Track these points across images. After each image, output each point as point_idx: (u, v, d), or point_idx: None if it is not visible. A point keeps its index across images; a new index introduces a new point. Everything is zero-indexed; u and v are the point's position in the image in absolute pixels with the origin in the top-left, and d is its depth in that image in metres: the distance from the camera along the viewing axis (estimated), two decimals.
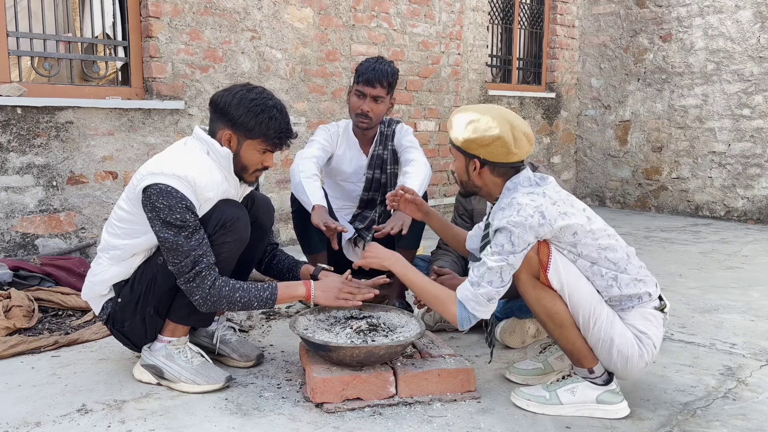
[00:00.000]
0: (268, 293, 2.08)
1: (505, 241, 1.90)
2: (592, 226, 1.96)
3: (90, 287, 2.22)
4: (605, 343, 1.95)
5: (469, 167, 2.04)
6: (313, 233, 2.77)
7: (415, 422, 1.93)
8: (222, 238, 2.08)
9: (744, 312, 3.18)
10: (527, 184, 2.00)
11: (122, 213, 2.12)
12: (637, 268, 1.99)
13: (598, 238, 1.95)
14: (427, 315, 2.77)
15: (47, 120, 3.59)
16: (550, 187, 1.99)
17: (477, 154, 1.99)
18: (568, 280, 1.93)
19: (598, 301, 1.95)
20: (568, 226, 1.91)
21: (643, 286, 1.98)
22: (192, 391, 2.12)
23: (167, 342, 2.17)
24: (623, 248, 2.00)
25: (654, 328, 1.98)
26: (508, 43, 6.51)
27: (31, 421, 1.92)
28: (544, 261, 1.93)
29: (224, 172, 2.12)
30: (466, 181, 2.09)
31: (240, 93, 2.08)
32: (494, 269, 1.91)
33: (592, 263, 1.95)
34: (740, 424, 1.96)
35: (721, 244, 4.91)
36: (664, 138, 6.50)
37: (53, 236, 3.65)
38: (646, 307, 1.98)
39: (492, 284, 1.93)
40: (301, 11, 4.62)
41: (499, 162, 1.99)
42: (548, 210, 1.90)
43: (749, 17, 5.87)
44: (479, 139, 1.96)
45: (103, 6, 3.93)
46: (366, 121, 2.91)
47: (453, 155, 2.10)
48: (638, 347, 1.95)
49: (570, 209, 1.94)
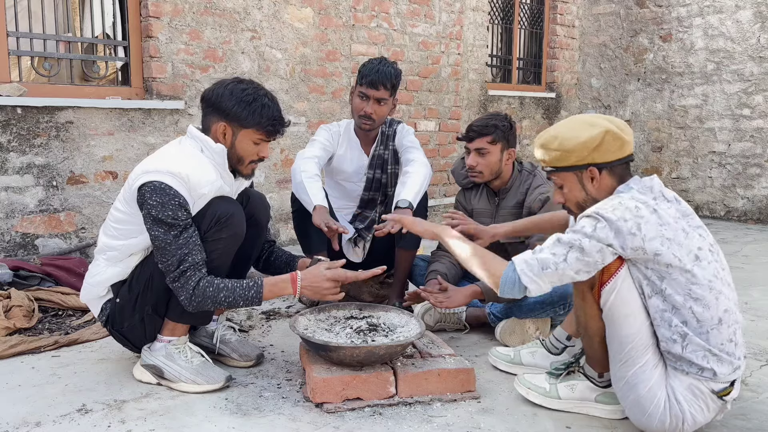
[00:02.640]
0: (253, 292, 2.06)
1: (587, 224, 1.71)
2: (696, 269, 1.69)
3: (88, 289, 2.22)
4: (627, 387, 1.79)
5: (585, 181, 1.83)
6: (314, 233, 2.77)
7: (415, 422, 1.93)
8: (217, 234, 2.07)
9: (744, 312, 3.17)
10: (647, 192, 1.77)
11: (118, 214, 2.12)
12: (721, 340, 1.71)
13: (694, 284, 1.69)
14: (427, 315, 2.77)
15: (47, 120, 3.59)
16: (670, 207, 1.76)
17: (591, 161, 1.80)
18: (620, 309, 1.74)
19: (643, 346, 1.74)
20: (662, 255, 1.67)
21: (714, 362, 1.70)
22: (192, 391, 2.12)
23: (167, 342, 2.17)
24: (719, 311, 1.70)
25: (697, 406, 1.73)
26: (508, 43, 6.51)
27: (31, 421, 1.92)
28: (606, 275, 1.73)
29: (219, 169, 2.12)
30: (584, 200, 1.85)
31: (231, 85, 2.10)
32: (564, 242, 1.72)
33: (671, 308, 1.70)
34: (740, 424, 1.96)
35: (721, 244, 4.88)
36: (664, 138, 6.50)
37: (53, 236, 3.65)
38: (702, 384, 1.72)
39: (555, 255, 1.72)
40: (301, 11, 4.62)
41: (615, 159, 1.80)
42: (648, 226, 1.68)
43: (749, 17, 5.87)
44: (589, 141, 1.78)
45: (103, 6, 3.93)
46: (369, 123, 2.91)
47: (559, 182, 1.88)
48: (662, 413, 1.74)
49: (680, 239, 1.70)
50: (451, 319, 2.78)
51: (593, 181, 1.83)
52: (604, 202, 1.75)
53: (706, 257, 1.73)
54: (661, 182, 1.83)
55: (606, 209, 1.71)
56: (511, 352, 2.33)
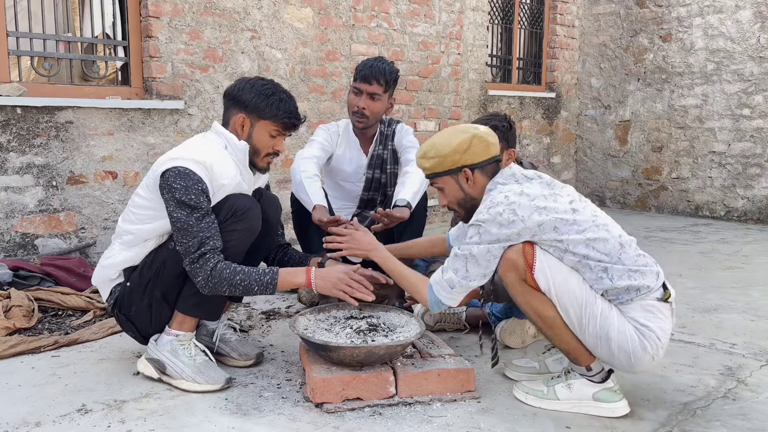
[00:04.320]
0: (269, 278, 2.10)
1: (473, 233, 1.94)
2: (576, 217, 1.91)
3: (101, 271, 2.27)
4: (603, 341, 1.91)
5: (461, 182, 2.05)
6: (313, 233, 2.77)
7: (415, 422, 1.93)
8: (232, 226, 2.13)
9: (744, 312, 3.18)
10: (511, 181, 2.01)
11: (139, 200, 2.19)
12: (633, 257, 1.93)
13: (585, 230, 1.90)
14: (427, 315, 2.77)
15: (47, 120, 3.59)
16: (532, 184, 1.98)
17: (463, 164, 2.02)
18: (555, 279, 1.89)
19: (591, 298, 1.90)
20: (545, 222, 1.88)
21: (639, 277, 1.90)
22: (191, 390, 2.12)
23: (174, 336, 2.18)
24: (615, 238, 1.92)
25: (657, 319, 1.91)
26: (508, 43, 6.51)
27: (31, 421, 1.92)
28: (529, 262, 1.89)
29: (239, 167, 2.21)
30: (464, 199, 2.08)
31: (252, 80, 2.24)
32: (459, 257, 1.96)
33: (582, 257, 1.89)
34: (740, 424, 1.96)
35: (721, 244, 4.91)
36: (664, 138, 6.50)
37: (53, 236, 3.65)
38: (647, 299, 1.92)
39: (457, 273, 1.96)
40: (301, 11, 4.62)
41: (484, 160, 2.03)
42: (521, 206, 1.89)
43: (749, 17, 5.87)
44: (458, 146, 2.00)
45: (103, 6, 3.93)
46: (362, 119, 2.90)
47: (439, 186, 2.09)
48: (639, 341, 1.90)
49: (552, 204, 1.91)
50: (451, 319, 2.78)
51: (468, 181, 2.04)
52: (480, 209, 1.96)
53: (579, 206, 1.95)
54: (519, 167, 2.07)
55: (482, 213, 1.93)
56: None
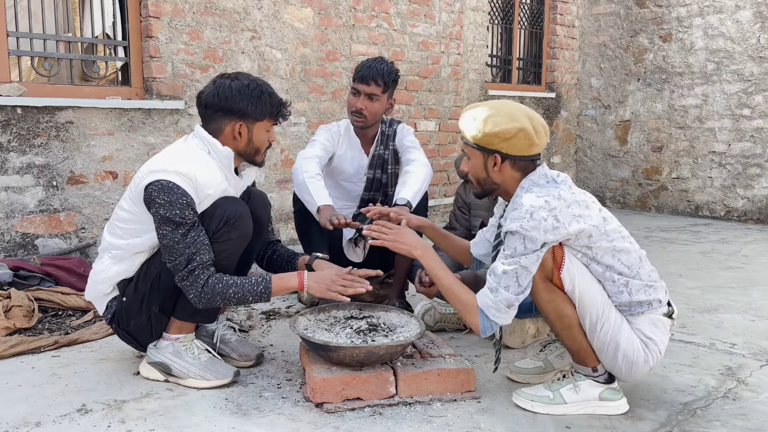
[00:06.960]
0: (262, 287, 2.08)
1: (517, 244, 1.87)
2: (607, 227, 1.92)
3: (93, 287, 2.23)
4: (611, 348, 1.94)
5: (488, 164, 1.98)
6: (315, 233, 2.77)
7: (415, 422, 1.93)
8: (226, 235, 2.10)
9: (744, 312, 3.18)
10: (543, 182, 1.96)
11: (123, 213, 2.13)
12: (648, 272, 1.97)
13: (613, 240, 1.92)
14: (427, 315, 2.77)
15: (47, 120, 3.59)
16: (565, 188, 1.94)
17: (498, 149, 1.94)
18: (580, 282, 1.90)
19: (608, 306, 1.93)
20: (582, 230, 1.88)
21: (653, 292, 1.95)
22: (202, 387, 2.14)
23: (174, 339, 2.18)
24: (636, 251, 1.96)
25: (661, 334, 1.97)
26: (508, 43, 6.51)
27: (31, 421, 1.92)
28: (558, 261, 1.90)
29: (224, 172, 2.15)
30: (484, 179, 2.02)
31: (230, 84, 2.12)
32: (509, 273, 1.88)
33: (606, 267, 1.92)
34: (740, 424, 1.96)
35: (721, 244, 4.91)
36: (664, 138, 6.50)
37: (53, 236, 3.65)
38: (655, 313, 1.97)
39: (509, 289, 1.89)
40: (301, 11, 4.62)
41: (520, 155, 1.95)
42: (562, 213, 1.86)
43: (749, 17, 5.87)
44: (502, 133, 1.92)
45: (103, 6, 3.92)
46: (360, 119, 2.90)
47: (468, 154, 2.03)
48: (644, 352, 1.94)
49: (585, 211, 1.90)
50: (451, 319, 2.78)
51: (495, 166, 1.98)
52: (519, 214, 1.87)
53: (606, 214, 1.97)
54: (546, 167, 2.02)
55: (524, 221, 1.85)
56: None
